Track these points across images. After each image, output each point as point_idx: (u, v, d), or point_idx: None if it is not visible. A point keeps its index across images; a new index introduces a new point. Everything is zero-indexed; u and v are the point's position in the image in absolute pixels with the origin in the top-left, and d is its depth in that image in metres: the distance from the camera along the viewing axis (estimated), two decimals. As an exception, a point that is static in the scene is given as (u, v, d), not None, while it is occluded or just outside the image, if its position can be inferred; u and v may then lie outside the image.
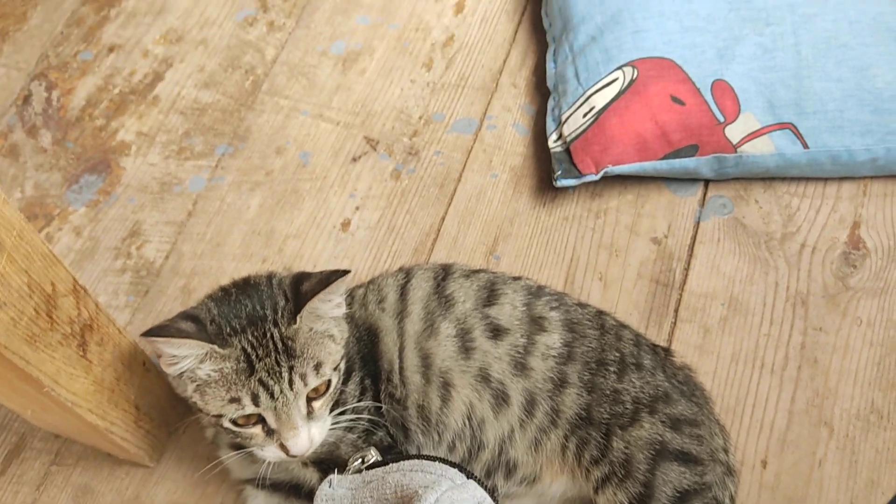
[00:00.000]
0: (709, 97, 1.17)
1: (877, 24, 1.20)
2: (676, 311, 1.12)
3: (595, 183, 1.20)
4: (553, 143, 1.21)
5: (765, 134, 1.17)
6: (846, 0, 1.21)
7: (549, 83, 1.27)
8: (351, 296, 0.98)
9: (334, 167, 1.26)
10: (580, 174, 1.17)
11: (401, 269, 1.00)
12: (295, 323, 0.84)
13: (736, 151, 1.17)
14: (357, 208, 1.22)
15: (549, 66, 1.29)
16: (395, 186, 1.24)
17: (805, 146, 1.17)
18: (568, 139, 1.19)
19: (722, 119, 1.16)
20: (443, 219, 1.21)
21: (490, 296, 0.95)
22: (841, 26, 1.19)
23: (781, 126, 1.17)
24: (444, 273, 0.97)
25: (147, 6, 1.42)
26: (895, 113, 1.16)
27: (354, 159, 1.26)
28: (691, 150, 1.17)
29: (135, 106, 1.32)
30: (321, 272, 0.86)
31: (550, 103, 1.25)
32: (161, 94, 1.33)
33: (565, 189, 1.21)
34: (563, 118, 1.21)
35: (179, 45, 1.38)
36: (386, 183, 1.24)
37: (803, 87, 1.17)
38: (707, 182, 1.22)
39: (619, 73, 1.19)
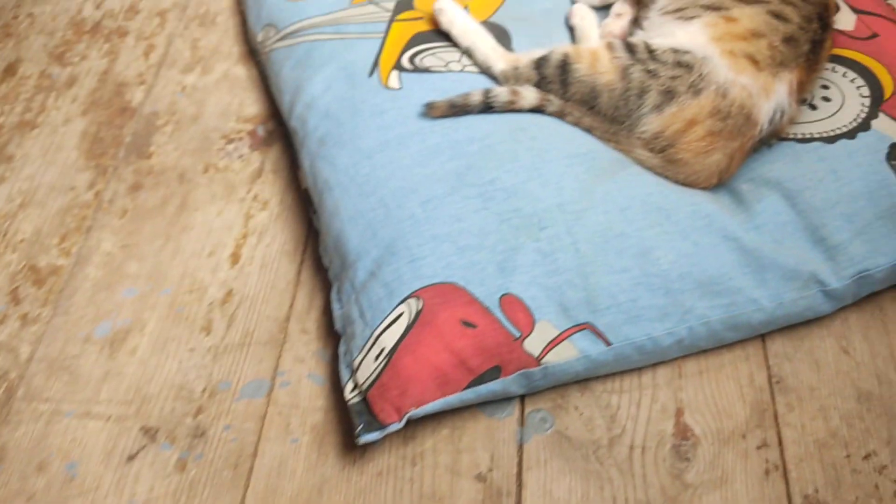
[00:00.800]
0: (499, 314, 1.11)
1: (647, 207, 1.19)
2: (517, 556, 1.00)
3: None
4: (349, 393, 1.10)
5: (565, 339, 1.11)
6: (612, 189, 1.21)
7: (337, 325, 1.18)
8: None
9: (108, 473, 1.09)
10: (383, 425, 1.06)
11: None
12: None
13: (540, 364, 1.10)
14: (139, 517, 1.05)
15: (335, 306, 1.20)
16: (182, 480, 1.08)
17: (607, 343, 1.12)
18: (364, 387, 1.09)
19: (518, 334, 1.10)
20: (242, 506, 1.06)
21: None
22: (613, 216, 1.18)
23: (579, 328, 1.12)
24: None
25: None
26: (686, 291, 1.15)
27: (131, 457, 1.10)
28: (495, 373, 1.10)
29: None
30: None
31: (341, 349, 1.15)
32: None
33: (374, 440, 1.10)
34: (356, 365, 1.11)
35: (-87, 364, 1.21)
36: (170, 478, 1.08)
37: (590, 283, 1.13)
38: (523, 396, 1.15)
39: (403, 307, 1.12)
